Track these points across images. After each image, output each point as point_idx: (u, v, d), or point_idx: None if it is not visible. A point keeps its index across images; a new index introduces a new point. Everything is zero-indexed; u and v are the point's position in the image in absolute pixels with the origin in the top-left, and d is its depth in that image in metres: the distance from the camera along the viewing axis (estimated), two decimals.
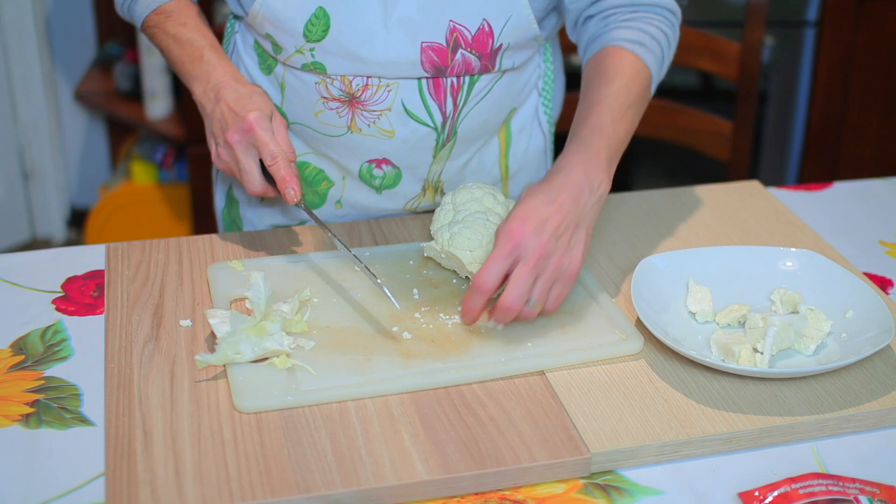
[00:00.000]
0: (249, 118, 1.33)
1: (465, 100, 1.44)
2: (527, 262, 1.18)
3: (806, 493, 1.03)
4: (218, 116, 1.36)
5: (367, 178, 1.49)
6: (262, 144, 1.33)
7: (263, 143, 1.33)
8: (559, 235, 1.20)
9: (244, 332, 1.17)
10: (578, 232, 1.22)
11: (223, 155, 1.37)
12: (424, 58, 1.38)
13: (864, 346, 1.19)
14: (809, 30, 2.83)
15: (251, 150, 1.35)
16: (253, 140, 1.34)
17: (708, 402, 1.15)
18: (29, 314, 1.29)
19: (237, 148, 1.34)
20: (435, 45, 1.38)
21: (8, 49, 3.30)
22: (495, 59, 1.41)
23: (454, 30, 1.37)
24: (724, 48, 2.09)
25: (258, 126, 1.33)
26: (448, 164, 1.49)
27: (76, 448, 1.09)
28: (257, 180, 1.36)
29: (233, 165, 1.37)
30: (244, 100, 1.36)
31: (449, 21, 1.37)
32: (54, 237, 3.53)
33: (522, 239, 1.18)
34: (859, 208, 1.60)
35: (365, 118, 1.43)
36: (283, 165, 1.33)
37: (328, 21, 1.37)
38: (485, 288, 1.18)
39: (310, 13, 1.37)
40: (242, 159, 1.35)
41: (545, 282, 1.19)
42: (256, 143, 1.34)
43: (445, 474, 1.04)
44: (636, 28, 1.39)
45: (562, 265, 1.20)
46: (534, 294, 1.19)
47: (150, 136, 3.33)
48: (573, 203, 1.22)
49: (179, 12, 1.44)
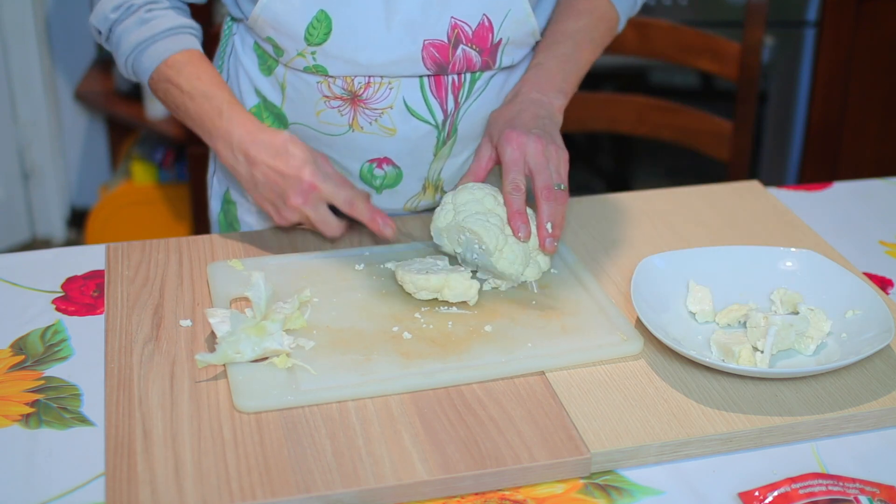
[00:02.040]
0: (305, 178, 1.34)
1: (465, 97, 1.44)
2: (536, 156, 1.33)
3: (806, 493, 1.03)
4: (262, 180, 1.36)
5: (368, 179, 1.49)
6: (332, 196, 1.36)
7: (333, 194, 1.36)
8: (543, 129, 1.36)
9: (244, 332, 1.17)
10: (553, 126, 1.38)
11: (291, 217, 1.38)
12: (426, 55, 1.38)
13: (864, 346, 1.19)
14: (809, 30, 2.83)
15: (320, 203, 1.36)
16: (318, 196, 1.36)
17: (708, 402, 1.15)
18: (29, 314, 1.29)
19: (306, 208, 1.36)
20: (436, 42, 1.38)
21: (8, 49, 3.30)
22: (496, 55, 1.42)
23: (455, 26, 1.38)
24: (724, 48, 2.10)
25: (318, 181, 1.35)
26: (448, 161, 1.49)
27: (76, 448, 1.09)
28: (335, 226, 1.38)
29: (305, 221, 1.39)
30: (283, 156, 1.35)
31: (450, 18, 1.37)
32: (54, 237, 3.53)
33: (522, 139, 1.33)
34: (859, 208, 1.60)
35: (367, 116, 1.43)
36: (364, 205, 1.37)
37: (330, 24, 1.36)
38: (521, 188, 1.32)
39: (311, 16, 1.36)
40: (314, 215, 1.37)
41: (554, 167, 1.33)
42: (324, 197, 1.36)
43: (445, 474, 1.04)
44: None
45: (559, 151, 1.35)
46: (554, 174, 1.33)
47: (150, 136, 3.33)
48: (539, 107, 1.40)
49: (192, 65, 1.40)
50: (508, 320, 1.26)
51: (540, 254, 1.34)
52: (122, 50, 1.42)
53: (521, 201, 1.31)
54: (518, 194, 1.31)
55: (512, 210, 1.31)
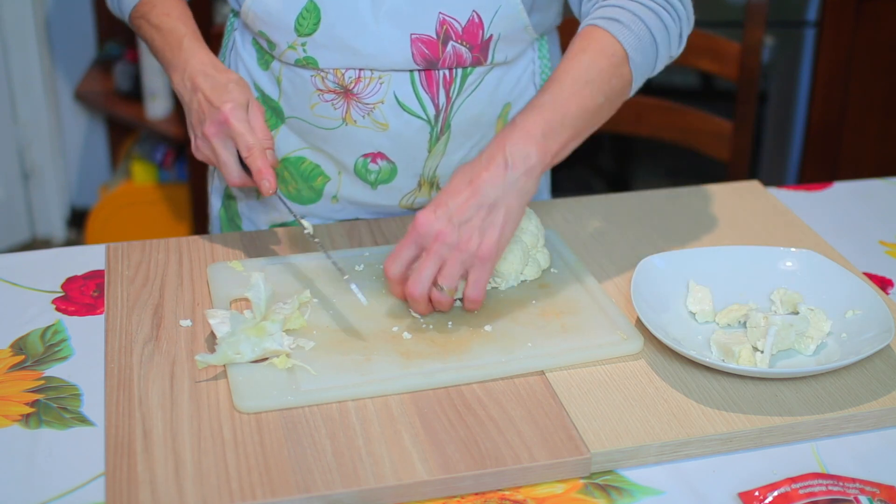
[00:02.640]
0: (224, 110, 1.33)
1: (457, 92, 1.44)
2: (427, 249, 1.21)
3: (806, 493, 1.03)
4: (195, 108, 1.36)
5: (363, 173, 1.49)
6: (237, 136, 1.33)
7: (239, 133, 1.33)
8: (465, 220, 1.20)
9: (244, 333, 1.17)
10: (494, 213, 1.20)
11: (201, 147, 1.37)
12: (415, 50, 1.39)
13: (864, 346, 1.19)
14: (809, 30, 2.83)
15: (228, 141, 1.34)
16: (229, 132, 1.33)
17: (708, 402, 1.15)
18: (29, 314, 1.29)
19: (214, 140, 1.34)
20: (425, 38, 1.38)
21: (8, 49, 3.30)
22: (487, 51, 1.42)
23: (444, 22, 1.38)
24: (724, 48, 2.09)
25: (233, 117, 1.32)
26: (444, 159, 1.49)
27: (76, 448, 1.09)
28: (235, 172, 1.36)
29: (211, 157, 1.37)
30: (220, 90, 1.35)
31: (438, 13, 1.37)
32: (54, 237, 3.53)
33: (425, 226, 1.20)
34: (859, 208, 1.60)
35: (360, 109, 1.43)
36: (258, 157, 1.32)
37: (319, 14, 1.38)
38: (391, 276, 1.23)
39: (300, 7, 1.38)
40: (220, 151, 1.34)
41: (451, 266, 1.20)
42: (232, 134, 1.33)
43: (445, 474, 1.04)
44: (615, 5, 1.32)
45: (469, 249, 1.20)
46: (444, 280, 1.20)
47: (150, 136, 3.33)
48: (490, 183, 1.20)
49: (164, 3, 1.44)
50: (508, 320, 1.26)
51: (539, 252, 1.34)
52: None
53: (395, 288, 1.24)
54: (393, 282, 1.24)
55: None
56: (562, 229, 1.48)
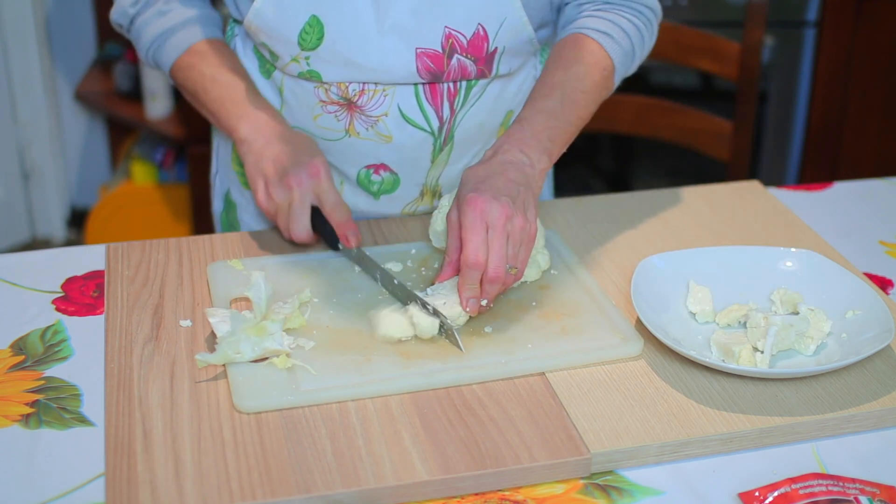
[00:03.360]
0: (317, 163, 1.35)
1: (461, 104, 1.43)
2: (496, 228, 1.21)
3: (806, 493, 1.03)
4: (271, 156, 1.36)
5: (366, 184, 1.49)
6: (326, 191, 1.35)
7: (330, 190, 1.35)
8: (514, 197, 1.23)
9: (244, 332, 1.17)
10: (528, 194, 1.25)
11: (276, 196, 1.36)
12: (420, 64, 1.38)
13: (864, 347, 1.19)
14: (809, 30, 2.83)
15: (310, 196, 1.35)
16: (317, 186, 1.35)
17: (708, 402, 1.15)
18: (29, 314, 1.29)
19: (297, 190, 1.34)
20: (430, 52, 1.37)
21: (8, 49, 3.30)
22: (492, 64, 1.41)
23: (449, 36, 1.37)
24: (724, 48, 2.09)
25: (326, 173, 1.35)
26: (447, 168, 1.49)
27: (76, 448, 1.09)
28: (305, 229, 1.36)
29: (284, 208, 1.36)
30: (304, 145, 1.37)
31: (444, 27, 1.36)
32: (54, 237, 3.53)
33: (485, 206, 1.21)
34: (859, 208, 1.60)
35: (363, 122, 1.43)
36: (343, 213, 1.36)
37: (322, 29, 1.36)
38: (479, 262, 1.21)
39: (303, 22, 1.36)
40: (298, 204, 1.35)
41: (515, 245, 1.23)
42: (321, 189, 1.35)
43: (445, 474, 1.04)
44: (606, 19, 1.41)
45: (525, 227, 1.23)
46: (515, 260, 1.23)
47: (150, 136, 3.33)
48: (517, 171, 1.26)
49: (215, 52, 1.44)
50: (508, 321, 1.26)
51: (539, 253, 1.34)
52: (143, 41, 1.46)
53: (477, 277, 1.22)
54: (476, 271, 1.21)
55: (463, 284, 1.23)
56: (562, 230, 1.48)
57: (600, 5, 1.43)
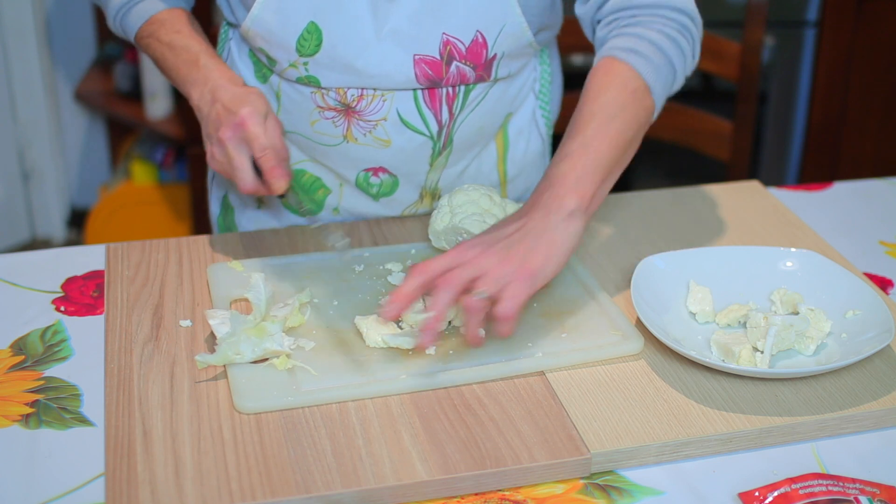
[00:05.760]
0: (242, 113, 1.31)
1: (460, 108, 1.43)
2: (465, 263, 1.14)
3: (806, 493, 1.03)
4: (213, 116, 1.34)
5: (364, 186, 1.49)
6: (253, 138, 1.31)
7: (255, 136, 1.31)
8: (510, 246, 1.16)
9: (244, 333, 1.17)
10: (539, 243, 1.16)
11: (216, 154, 1.34)
12: (419, 71, 1.37)
13: (864, 347, 1.19)
14: (809, 30, 2.83)
15: (243, 146, 1.32)
16: (244, 134, 1.31)
17: (708, 402, 1.15)
18: (29, 314, 1.29)
19: (229, 144, 1.32)
20: (428, 59, 1.37)
21: (8, 49, 3.30)
22: (491, 69, 1.41)
23: (447, 42, 1.36)
24: (724, 48, 2.09)
25: (250, 121, 1.31)
26: (445, 171, 1.49)
27: (76, 448, 1.09)
28: (249, 177, 1.32)
29: (226, 164, 1.34)
30: (239, 98, 1.33)
31: (442, 34, 1.36)
32: (54, 237, 3.53)
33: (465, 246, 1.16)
34: (859, 208, 1.60)
35: (361, 128, 1.42)
36: (272, 157, 1.31)
37: (320, 35, 1.36)
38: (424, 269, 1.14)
39: (302, 28, 1.36)
40: (234, 155, 1.32)
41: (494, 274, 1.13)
42: (248, 136, 1.31)
43: (445, 474, 1.04)
44: (633, 35, 1.32)
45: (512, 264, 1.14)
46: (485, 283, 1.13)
47: (150, 136, 3.33)
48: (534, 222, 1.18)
49: (172, 21, 1.43)
50: None
51: None
52: (111, 8, 1.46)
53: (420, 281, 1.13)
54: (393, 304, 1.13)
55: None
56: None
57: (626, 21, 1.35)
